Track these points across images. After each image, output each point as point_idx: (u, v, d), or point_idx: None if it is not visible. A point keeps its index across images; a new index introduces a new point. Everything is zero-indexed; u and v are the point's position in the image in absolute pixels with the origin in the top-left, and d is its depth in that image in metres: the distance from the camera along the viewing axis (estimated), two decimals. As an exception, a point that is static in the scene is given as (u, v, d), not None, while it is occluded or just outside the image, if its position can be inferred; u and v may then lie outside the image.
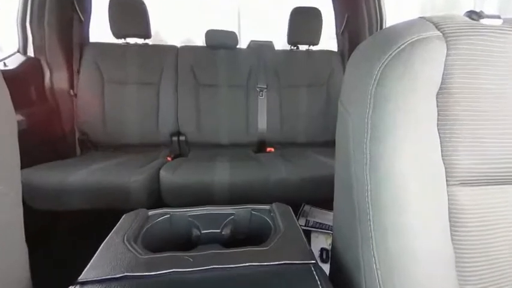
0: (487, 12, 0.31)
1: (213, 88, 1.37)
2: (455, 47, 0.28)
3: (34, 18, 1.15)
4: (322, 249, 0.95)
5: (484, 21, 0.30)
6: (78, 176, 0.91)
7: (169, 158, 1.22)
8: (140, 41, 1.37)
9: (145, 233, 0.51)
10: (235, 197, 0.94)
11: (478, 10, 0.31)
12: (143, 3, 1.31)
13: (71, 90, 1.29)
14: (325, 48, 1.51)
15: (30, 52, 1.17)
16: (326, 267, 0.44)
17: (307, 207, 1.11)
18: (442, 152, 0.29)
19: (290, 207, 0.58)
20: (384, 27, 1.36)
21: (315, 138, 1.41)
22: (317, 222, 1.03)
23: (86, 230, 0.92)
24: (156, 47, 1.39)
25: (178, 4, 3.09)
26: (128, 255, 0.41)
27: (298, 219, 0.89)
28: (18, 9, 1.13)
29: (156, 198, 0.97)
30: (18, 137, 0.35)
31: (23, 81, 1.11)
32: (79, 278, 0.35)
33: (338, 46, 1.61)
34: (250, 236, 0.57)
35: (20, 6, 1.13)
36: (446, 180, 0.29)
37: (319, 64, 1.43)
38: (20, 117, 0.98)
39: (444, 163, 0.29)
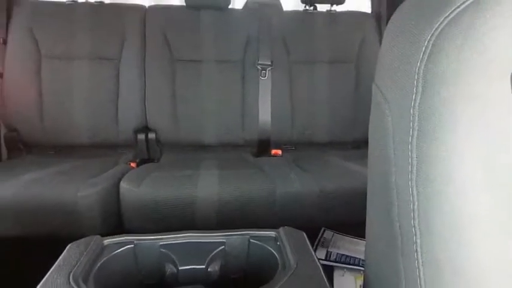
0: None
1: (194, 65, 1.37)
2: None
3: None
4: (350, 293, 0.96)
5: None
6: (4, 191, 0.91)
7: (133, 164, 1.22)
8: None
9: (100, 269, 0.51)
10: (227, 220, 0.94)
11: None
12: None
13: None
14: (354, 9, 1.51)
15: None
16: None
17: (328, 234, 1.12)
18: None
19: (304, 234, 0.59)
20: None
21: (340, 136, 1.41)
22: (342, 255, 1.04)
23: (16, 267, 0.92)
24: (115, 7, 1.39)
25: None
26: (74, 301, 0.41)
27: (315, 251, 0.89)
28: None
29: (115, 221, 0.97)
30: None
31: None
32: None
33: (372, 6, 1.62)
34: (248, 274, 0.57)
35: None
36: None
37: (346, 31, 1.43)
38: None
39: None
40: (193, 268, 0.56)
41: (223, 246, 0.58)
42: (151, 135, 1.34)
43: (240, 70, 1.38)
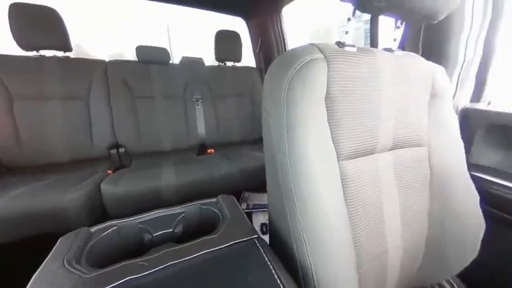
0: (347, 42, 0.39)
1: (149, 100, 1.23)
2: (332, 66, 0.34)
3: None
4: (262, 224, 1.00)
5: (346, 48, 0.38)
6: None
7: (109, 171, 1.02)
8: (59, 53, 1.08)
9: (90, 250, 0.42)
10: (184, 197, 0.87)
11: (342, 41, 0.39)
12: (55, 11, 1.02)
13: None
14: (247, 65, 1.57)
15: None
16: (266, 238, 0.47)
17: (246, 194, 1.15)
18: (332, 138, 0.35)
19: (233, 197, 0.59)
20: (287, 49, 1.52)
21: (246, 137, 1.44)
22: (256, 204, 1.08)
23: (14, 268, 0.68)
24: (80, 61, 1.12)
25: (99, 18, 2.60)
26: (70, 277, 0.33)
27: (240, 205, 0.90)
28: None
29: (99, 215, 0.80)
30: None
31: None
32: None
33: (256, 63, 1.70)
34: (201, 229, 0.55)
35: None
36: (337, 158, 0.35)
37: (243, 77, 1.47)
38: None
39: (334, 146, 0.35)
40: (164, 232, 0.51)
41: (183, 214, 0.54)
42: (122, 149, 1.15)
43: (182, 102, 1.30)
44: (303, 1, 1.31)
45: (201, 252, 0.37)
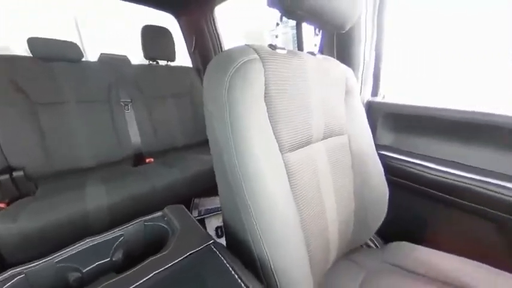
0: (278, 45, 0.42)
1: (57, 106, 0.98)
2: (268, 67, 0.37)
3: None
4: (216, 228, 0.97)
5: (278, 50, 0.41)
6: None
7: (2, 205, 0.76)
8: None
9: None
10: (122, 217, 0.74)
11: (273, 43, 0.42)
12: None
13: None
14: (182, 65, 1.48)
15: None
16: (223, 240, 0.46)
17: (197, 200, 1.09)
18: (274, 133, 0.37)
19: (183, 206, 0.55)
20: (223, 49, 1.52)
21: (190, 140, 1.36)
22: (207, 209, 1.04)
23: None
24: None
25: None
26: None
27: (192, 213, 0.85)
28: None
29: None
30: None
31: None
32: None
33: (192, 63, 1.63)
34: (148, 249, 0.48)
35: None
36: (280, 151, 0.38)
37: (180, 78, 1.37)
38: None
39: (276, 140, 0.37)
40: (98, 264, 0.42)
41: (122, 238, 0.46)
42: (18, 173, 0.86)
43: (108, 107, 1.09)
44: (236, 2, 1.33)
45: (151, 275, 0.33)
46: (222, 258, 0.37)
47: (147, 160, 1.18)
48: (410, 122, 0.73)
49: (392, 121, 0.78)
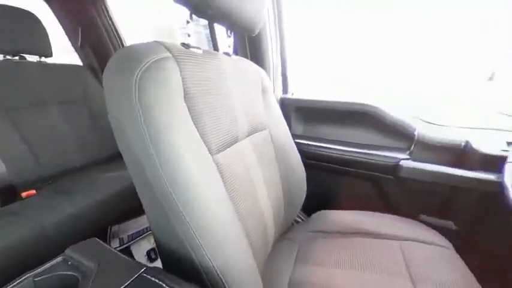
0: (191, 44, 0.41)
1: None
2: (184, 66, 0.35)
3: None
4: (148, 251, 0.85)
5: (192, 49, 0.39)
6: None
7: None
8: None
9: None
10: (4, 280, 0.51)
11: (186, 42, 0.40)
12: None
13: None
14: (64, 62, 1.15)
15: None
16: (159, 263, 0.41)
17: (115, 228, 0.90)
18: (200, 136, 0.36)
19: (96, 239, 0.43)
20: (124, 44, 1.29)
21: (93, 156, 1.08)
22: (132, 234, 0.88)
23: None
24: None
25: None
26: None
27: (110, 244, 0.69)
28: None
29: None
30: None
31: None
32: None
33: (83, 60, 1.30)
34: None
35: None
36: (210, 153, 0.37)
37: (67, 79, 1.05)
38: None
39: (204, 142, 0.36)
40: None
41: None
42: None
43: None
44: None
45: None
46: (161, 283, 0.32)
47: (25, 194, 0.85)
48: (314, 113, 0.90)
49: (302, 114, 0.94)
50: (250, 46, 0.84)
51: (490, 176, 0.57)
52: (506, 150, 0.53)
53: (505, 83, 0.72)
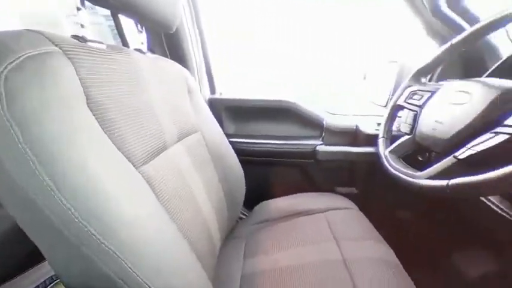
0: (88, 37, 0.33)
1: None
2: (80, 64, 0.28)
3: None
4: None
5: (90, 44, 0.32)
6: None
7: None
8: None
9: None
10: None
11: (80, 35, 0.32)
12: None
13: None
14: None
15: None
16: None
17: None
18: (117, 148, 0.30)
19: None
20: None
21: None
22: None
23: None
24: None
25: None
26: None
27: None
28: None
29: None
30: None
31: None
32: None
33: None
34: None
35: None
36: (133, 165, 0.32)
37: None
38: None
39: (122, 153, 0.31)
40: None
41: None
42: None
43: None
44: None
45: None
46: None
47: None
48: (243, 112, 0.94)
49: (233, 113, 0.95)
50: (168, 44, 0.77)
51: (371, 149, 0.78)
52: (377, 130, 0.74)
53: (373, 80, 1.00)
